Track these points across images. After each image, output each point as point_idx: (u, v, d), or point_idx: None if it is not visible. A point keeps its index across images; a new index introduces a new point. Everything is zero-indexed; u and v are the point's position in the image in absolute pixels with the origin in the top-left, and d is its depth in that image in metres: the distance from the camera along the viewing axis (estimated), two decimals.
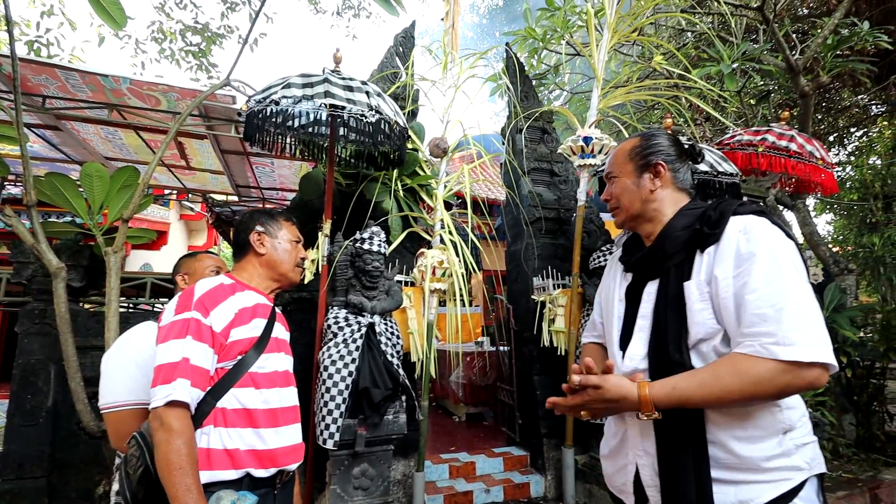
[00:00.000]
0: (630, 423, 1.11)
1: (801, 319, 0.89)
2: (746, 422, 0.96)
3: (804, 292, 0.93)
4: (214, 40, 6.00)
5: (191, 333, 1.18)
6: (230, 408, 1.21)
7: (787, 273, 0.94)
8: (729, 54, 3.96)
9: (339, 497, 2.51)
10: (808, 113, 4.18)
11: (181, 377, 1.12)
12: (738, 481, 0.94)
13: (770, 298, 0.91)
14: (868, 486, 3.45)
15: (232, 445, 1.19)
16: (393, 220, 3.26)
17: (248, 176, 5.75)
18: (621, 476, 1.13)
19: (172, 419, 1.09)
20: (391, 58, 4.01)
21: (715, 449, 0.96)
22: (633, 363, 1.09)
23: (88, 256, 3.06)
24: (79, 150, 4.87)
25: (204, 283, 1.29)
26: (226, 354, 1.23)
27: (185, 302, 1.23)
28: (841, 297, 4.56)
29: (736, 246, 0.98)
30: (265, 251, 1.43)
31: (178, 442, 1.08)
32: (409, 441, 3.20)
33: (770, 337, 0.88)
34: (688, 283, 1.03)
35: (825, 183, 3.61)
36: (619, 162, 1.22)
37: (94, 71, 3.46)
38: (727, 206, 1.06)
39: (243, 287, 1.36)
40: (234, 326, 1.24)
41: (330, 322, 2.66)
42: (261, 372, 1.28)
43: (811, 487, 0.98)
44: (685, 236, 1.07)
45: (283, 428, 1.30)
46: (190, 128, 4.31)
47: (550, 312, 3.60)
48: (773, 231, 1.00)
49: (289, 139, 2.89)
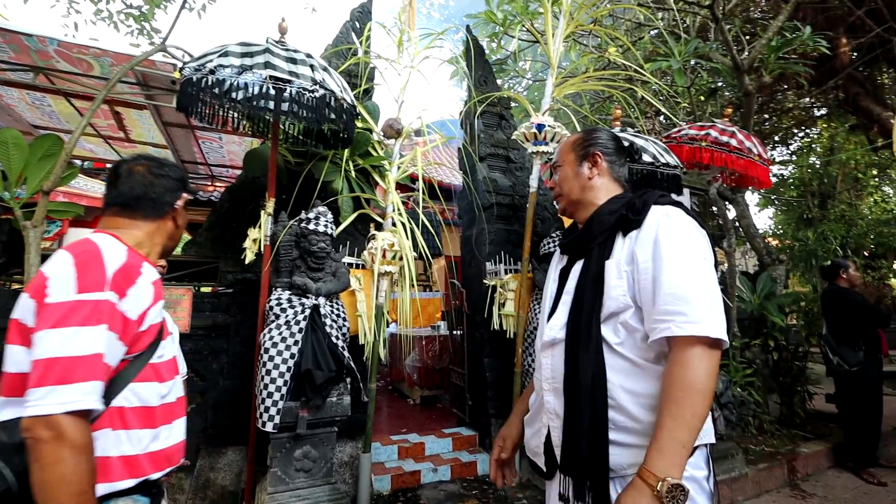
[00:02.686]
0: (545, 388, 1.17)
1: (707, 302, 0.98)
2: (648, 390, 1.03)
3: (710, 279, 1.03)
4: (158, 3, 5.59)
5: (106, 321, 0.93)
6: (129, 406, 1.01)
7: (697, 260, 1.03)
8: (680, 50, 4.07)
9: (279, 480, 2.48)
10: (751, 111, 4.39)
11: (93, 378, 0.89)
12: (633, 444, 1.01)
13: (681, 281, 0.99)
14: (787, 459, 3.76)
15: (131, 451, 1.00)
16: (343, 200, 3.19)
17: (194, 151, 5.47)
18: (536, 439, 1.21)
19: (76, 432, 0.86)
20: (346, 33, 3.88)
21: (615, 413, 1.03)
22: (553, 332, 1.16)
23: (7, 231, 2.84)
24: (3, 116, 4.47)
25: (110, 250, 1.00)
26: (135, 346, 1.02)
27: (92, 275, 0.95)
28: (771, 286, 4.89)
29: (655, 232, 1.06)
30: (181, 222, 1.26)
31: (82, 460, 0.86)
32: (356, 423, 3.19)
33: (682, 316, 0.97)
34: (608, 261, 1.11)
35: (761, 177, 3.81)
36: (564, 152, 1.33)
37: (15, 29, 3.16)
38: (650, 196, 1.16)
39: (139, 257, 1.10)
40: (149, 310, 1.03)
41: (273, 303, 2.59)
42: (161, 361, 1.09)
43: (700, 455, 1.07)
44: (612, 220, 1.15)
45: (176, 422, 1.14)
46: (128, 97, 4.04)
47: (501, 297, 3.65)
48: (687, 222, 1.09)
49: (231, 113, 2.75)
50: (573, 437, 1.05)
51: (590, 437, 1.01)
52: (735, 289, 4.56)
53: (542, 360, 1.20)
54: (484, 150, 4.16)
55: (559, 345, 1.14)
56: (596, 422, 1.01)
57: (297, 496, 2.45)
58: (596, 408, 1.02)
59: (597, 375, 1.03)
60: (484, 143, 4.19)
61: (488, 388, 3.83)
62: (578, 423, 1.04)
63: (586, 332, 1.07)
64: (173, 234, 1.25)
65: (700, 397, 0.93)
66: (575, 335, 1.10)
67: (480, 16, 4.49)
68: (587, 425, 1.02)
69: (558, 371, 1.12)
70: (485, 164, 4.13)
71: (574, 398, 1.06)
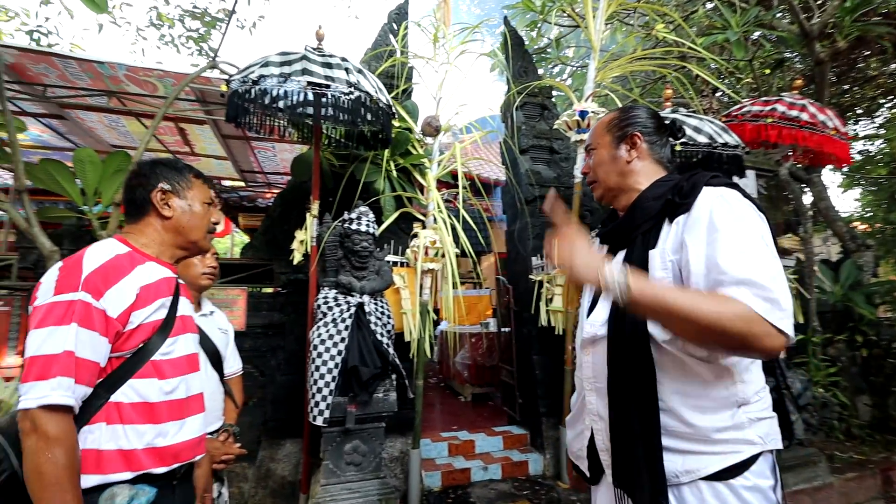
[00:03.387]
0: (587, 388, 1.10)
1: (776, 286, 0.85)
2: (700, 391, 0.94)
3: (775, 264, 0.90)
4: (213, 24, 5.99)
5: (77, 320, 0.97)
6: (127, 402, 1.04)
7: (759, 244, 0.91)
8: (738, 21, 3.76)
9: (331, 472, 2.56)
10: (824, 81, 3.95)
11: (62, 374, 0.94)
12: (686, 451, 0.93)
13: (743, 265, 0.87)
14: (880, 468, 3.36)
15: (128, 445, 1.02)
16: (385, 200, 3.24)
17: (251, 161, 5.79)
18: (578, 441, 1.14)
19: (49, 424, 0.91)
20: (385, 35, 3.94)
21: (666, 416, 0.95)
22: (594, 329, 1.09)
23: (89, 241, 3.13)
24: (86, 138, 4.97)
25: (94, 254, 1.05)
26: (124, 343, 1.05)
27: (68, 278, 1.00)
28: (857, 275, 4.39)
29: (709, 215, 0.95)
30: (172, 214, 1.19)
31: (56, 451, 0.91)
32: (405, 419, 3.24)
33: (755, 287, 0.84)
34: (652, 251, 1.01)
35: (839, 153, 3.43)
36: (598, 134, 1.21)
37: (90, 58, 3.49)
38: (700, 177, 1.04)
39: (143, 258, 1.13)
40: (135, 309, 1.05)
41: (320, 302, 2.67)
42: (166, 359, 1.11)
43: (765, 463, 0.96)
44: (657, 206, 1.05)
45: (189, 419, 1.15)
46: (189, 113, 4.35)
47: (548, 292, 3.55)
48: (745, 203, 0.97)
49: (277, 120, 2.88)
50: (623, 445, 0.97)
51: (642, 442, 0.94)
52: (813, 279, 4.14)
53: (583, 359, 1.13)
54: (526, 142, 4.07)
55: (601, 342, 1.06)
56: (646, 427, 0.93)
57: (348, 489, 2.52)
58: (645, 411, 0.94)
59: (644, 375, 0.95)
60: (525, 134, 4.09)
61: (538, 385, 3.74)
62: (628, 429, 0.96)
63: (631, 328, 0.98)
64: (176, 228, 1.20)
65: (706, 322, 0.81)
66: (618, 332, 1.01)
67: (518, 6, 4.39)
68: (637, 430, 0.94)
69: (601, 370, 1.05)
70: (527, 156, 4.03)
71: (619, 400, 0.98)
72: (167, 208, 1.19)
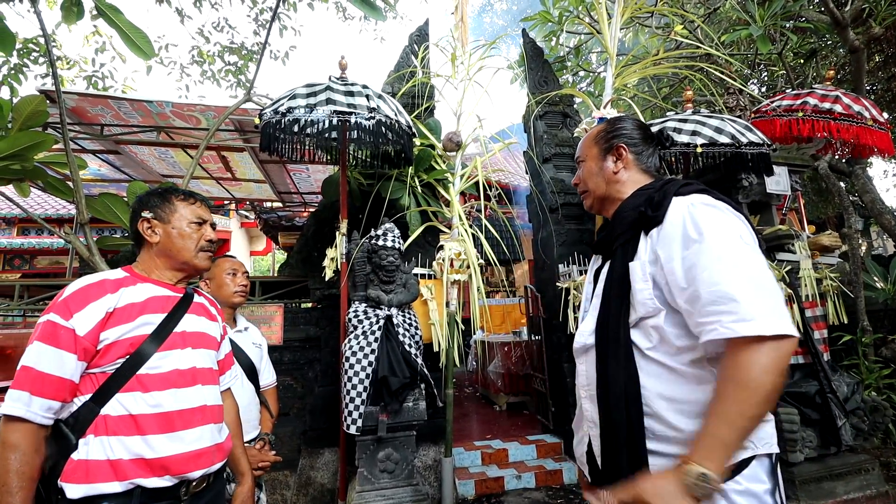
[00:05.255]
0: (583, 395, 1.14)
1: (757, 294, 0.87)
2: (686, 395, 0.95)
3: (755, 266, 0.90)
4: (250, 58, 6.40)
5: (41, 338, 1.08)
6: (115, 414, 1.11)
7: (736, 248, 0.91)
8: (762, 14, 3.67)
9: (366, 479, 2.66)
10: (861, 70, 3.77)
11: (20, 388, 1.05)
12: (674, 455, 0.94)
13: (722, 276, 0.88)
14: None
15: (115, 455, 1.09)
16: (411, 215, 3.37)
17: (287, 182, 6.11)
18: (580, 447, 1.17)
19: (8, 431, 1.03)
20: (406, 57, 4.11)
21: (652, 421, 0.97)
22: (583, 338, 1.12)
23: None
24: (139, 170, 5.41)
25: (79, 281, 1.16)
26: (101, 359, 1.13)
27: (52, 302, 1.13)
28: None
29: (682, 227, 0.96)
30: (158, 239, 1.28)
31: (10, 456, 1.01)
32: (437, 428, 3.31)
33: (730, 315, 0.86)
34: (632, 263, 1.04)
35: (880, 144, 3.28)
36: (586, 146, 1.24)
37: (140, 98, 3.85)
38: (671, 186, 1.05)
39: (137, 280, 1.23)
40: (105, 328, 1.12)
41: (350, 316, 2.81)
42: (153, 373, 1.16)
43: (759, 466, 0.94)
44: (632, 217, 1.07)
45: (183, 433, 1.17)
46: (230, 142, 4.67)
47: (575, 299, 3.56)
48: (717, 207, 0.98)
49: (307, 146, 3.08)
50: (610, 449, 1.01)
51: (627, 447, 0.97)
52: (861, 276, 3.92)
53: (579, 367, 1.17)
54: (548, 150, 4.11)
55: (591, 351, 1.09)
56: (632, 431, 0.96)
57: (382, 495, 2.61)
58: (631, 416, 0.97)
59: (629, 382, 0.98)
60: (548, 143, 4.14)
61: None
62: (614, 434, 0.99)
63: (614, 337, 1.02)
64: (165, 252, 1.28)
65: (749, 394, 0.83)
66: (603, 341, 1.05)
67: (536, 17, 4.46)
68: (624, 435, 0.97)
69: (592, 378, 1.08)
70: (550, 164, 4.07)
71: (607, 406, 1.01)
72: (154, 235, 1.28)
